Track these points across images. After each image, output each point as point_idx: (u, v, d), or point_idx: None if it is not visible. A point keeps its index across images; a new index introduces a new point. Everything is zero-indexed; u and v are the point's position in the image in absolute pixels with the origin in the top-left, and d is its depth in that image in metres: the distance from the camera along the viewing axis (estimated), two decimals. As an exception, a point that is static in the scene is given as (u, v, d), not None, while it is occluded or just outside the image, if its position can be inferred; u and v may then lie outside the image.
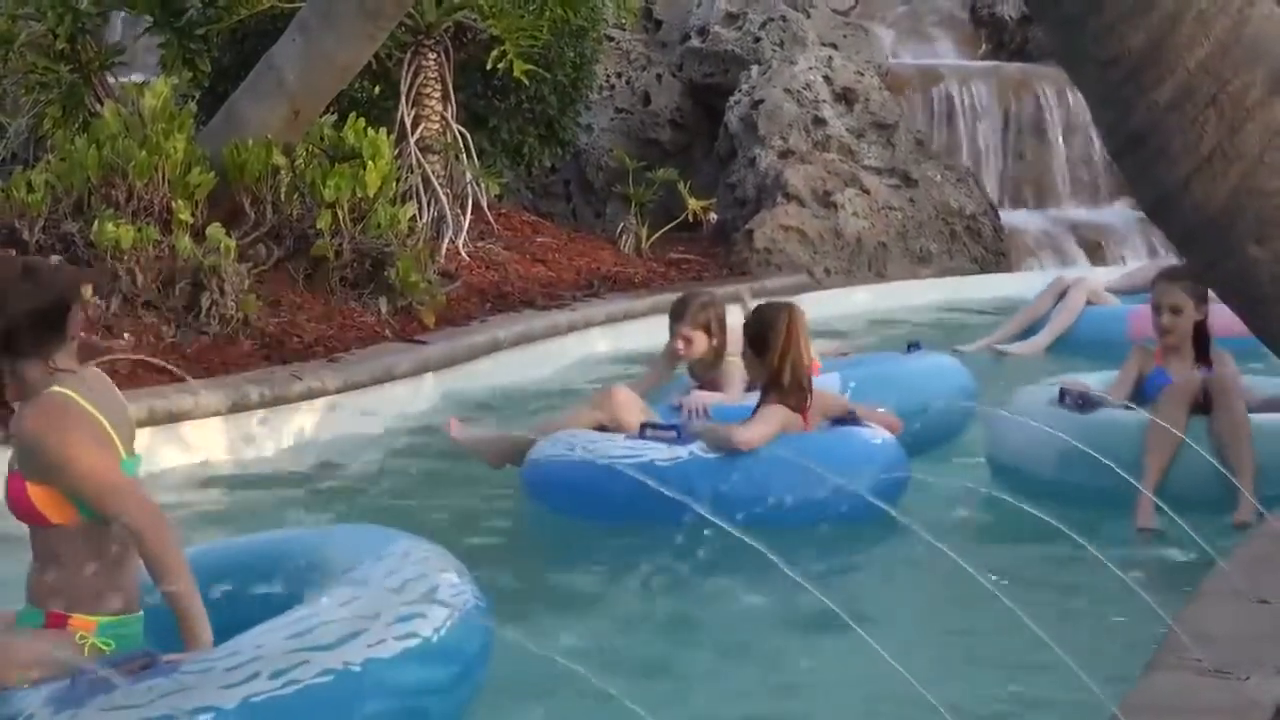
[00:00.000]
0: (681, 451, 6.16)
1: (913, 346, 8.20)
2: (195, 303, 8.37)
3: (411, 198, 10.45)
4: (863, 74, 13.60)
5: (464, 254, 10.82)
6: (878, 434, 6.43)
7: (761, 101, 13.08)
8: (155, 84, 9.31)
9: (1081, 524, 5.13)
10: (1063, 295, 10.49)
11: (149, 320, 8.26)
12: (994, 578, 4.66)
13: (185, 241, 8.44)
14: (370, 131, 9.55)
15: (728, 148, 13.41)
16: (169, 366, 7.84)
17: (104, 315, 8.16)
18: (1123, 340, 9.17)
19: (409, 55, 10.85)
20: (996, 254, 13.40)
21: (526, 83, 11.20)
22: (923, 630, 5.16)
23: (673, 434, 6.22)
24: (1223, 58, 4.49)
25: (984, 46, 16.58)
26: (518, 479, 6.61)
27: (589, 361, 10.05)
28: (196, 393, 7.52)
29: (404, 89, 10.83)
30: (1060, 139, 14.94)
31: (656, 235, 12.52)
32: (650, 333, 8.87)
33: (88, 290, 8.09)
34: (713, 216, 12.90)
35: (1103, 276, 11.56)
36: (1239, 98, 4.48)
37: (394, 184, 9.55)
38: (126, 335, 8.09)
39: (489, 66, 10.89)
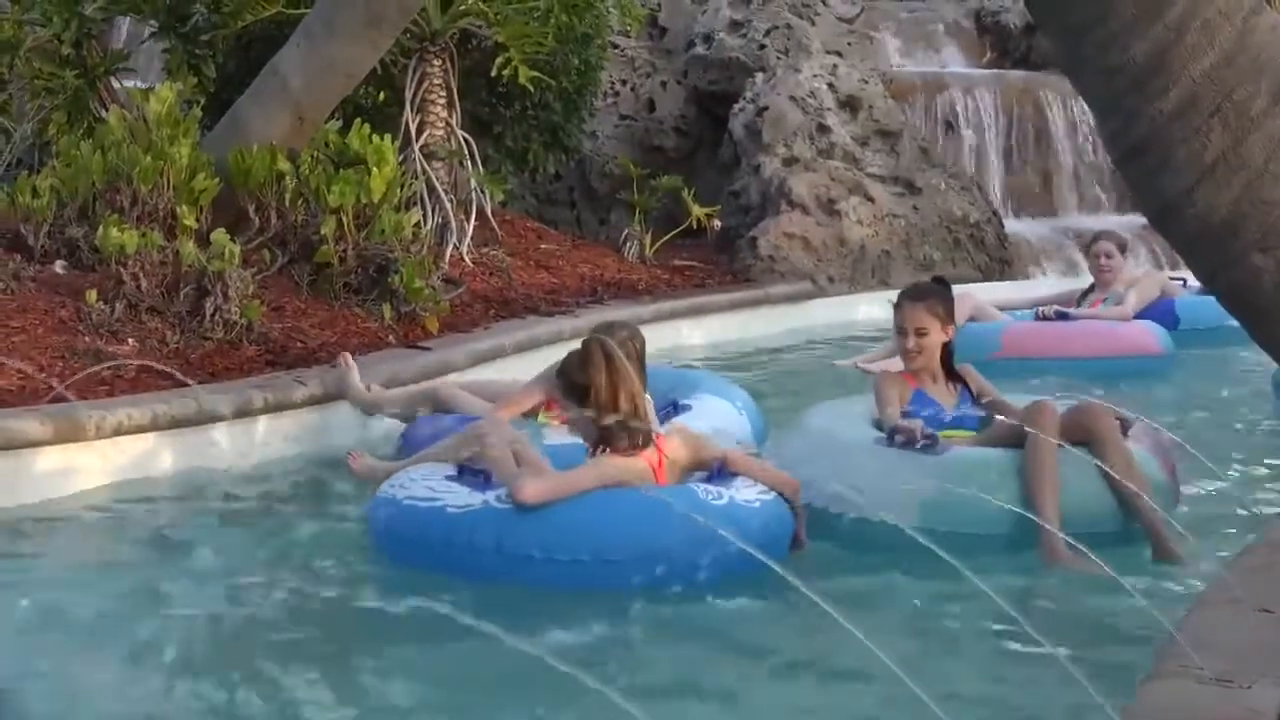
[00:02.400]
0: (475, 499, 5.53)
1: None
2: (199, 308, 8.38)
3: (416, 204, 10.45)
4: (867, 82, 13.61)
5: (468, 260, 10.83)
6: (724, 493, 5.52)
7: (766, 109, 13.09)
8: (160, 89, 9.33)
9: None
10: None
11: (153, 325, 8.27)
12: (992, 585, 4.65)
13: (190, 247, 8.46)
14: (375, 138, 9.56)
15: (732, 155, 13.42)
16: (173, 372, 7.85)
17: (108, 320, 8.17)
18: (994, 358, 9.00)
19: (414, 62, 10.86)
20: (1000, 262, 13.40)
21: (531, 90, 11.22)
22: (917, 636, 5.15)
23: (480, 478, 5.64)
24: (1227, 67, 4.49)
25: (988, 55, 16.61)
26: None
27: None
28: (200, 398, 7.53)
29: (409, 95, 10.84)
30: (1064, 147, 14.96)
31: (660, 242, 12.52)
32: (653, 340, 8.86)
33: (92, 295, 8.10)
34: (717, 224, 12.90)
35: (998, 293, 11.28)
36: (1243, 107, 4.47)
37: (398, 190, 9.56)
38: (130, 340, 8.10)
39: (494, 73, 10.91)
